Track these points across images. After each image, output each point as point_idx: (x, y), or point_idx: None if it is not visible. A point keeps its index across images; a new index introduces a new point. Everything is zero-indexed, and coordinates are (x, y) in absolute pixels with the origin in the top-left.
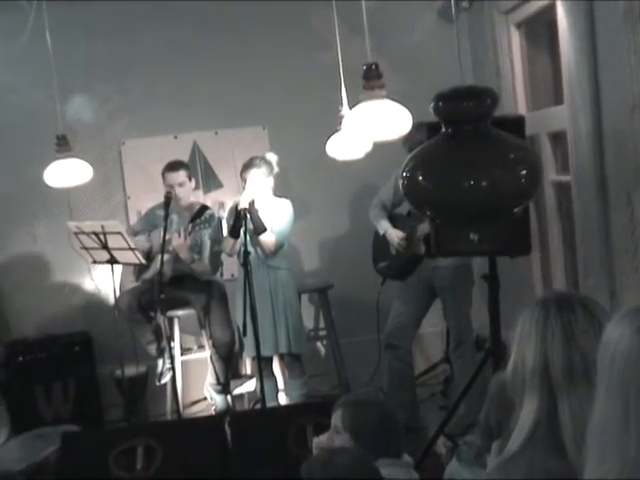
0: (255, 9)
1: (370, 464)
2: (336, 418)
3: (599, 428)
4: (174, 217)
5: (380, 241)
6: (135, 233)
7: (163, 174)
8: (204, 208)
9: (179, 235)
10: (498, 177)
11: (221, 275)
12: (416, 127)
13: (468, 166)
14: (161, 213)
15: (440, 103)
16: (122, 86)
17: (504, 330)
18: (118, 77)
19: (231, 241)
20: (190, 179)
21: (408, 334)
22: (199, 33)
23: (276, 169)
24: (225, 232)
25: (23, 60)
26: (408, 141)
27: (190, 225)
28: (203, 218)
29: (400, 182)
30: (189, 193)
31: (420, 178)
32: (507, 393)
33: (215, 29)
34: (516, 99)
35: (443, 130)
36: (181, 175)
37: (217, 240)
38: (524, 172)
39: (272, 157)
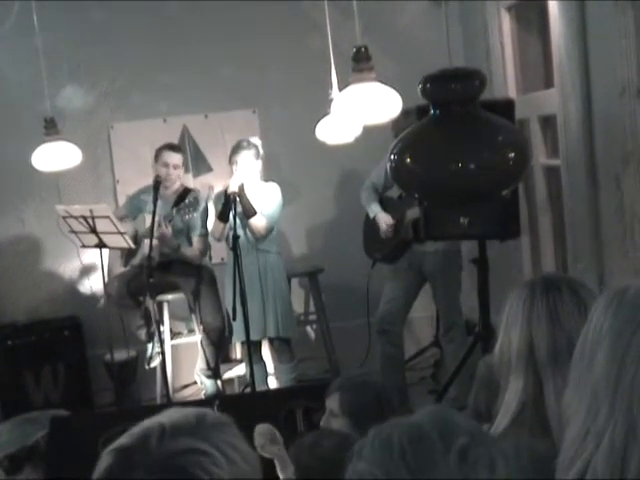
0: None
1: None
2: (332, 402)
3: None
4: (159, 202)
5: (371, 224)
6: (120, 218)
7: (159, 153)
8: (187, 191)
9: (159, 225)
10: (486, 159)
11: (210, 259)
12: (404, 114)
13: (456, 148)
14: (145, 198)
15: (428, 85)
16: (110, 69)
17: (493, 314)
18: (106, 60)
19: (220, 225)
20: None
21: (399, 319)
22: (188, 16)
23: (261, 152)
24: (213, 216)
25: (10, 42)
26: (396, 127)
27: (174, 210)
28: (187, 202)
29: (388, 165)
30: (180, 178)
31: (408, 160)
32: (494, 376)
33: (205, 12)
34: (506, 82)
35: (431, 112)
36: (178, 158)
37: (204, 223)
38: (512, 155)
39: (257, 141)
